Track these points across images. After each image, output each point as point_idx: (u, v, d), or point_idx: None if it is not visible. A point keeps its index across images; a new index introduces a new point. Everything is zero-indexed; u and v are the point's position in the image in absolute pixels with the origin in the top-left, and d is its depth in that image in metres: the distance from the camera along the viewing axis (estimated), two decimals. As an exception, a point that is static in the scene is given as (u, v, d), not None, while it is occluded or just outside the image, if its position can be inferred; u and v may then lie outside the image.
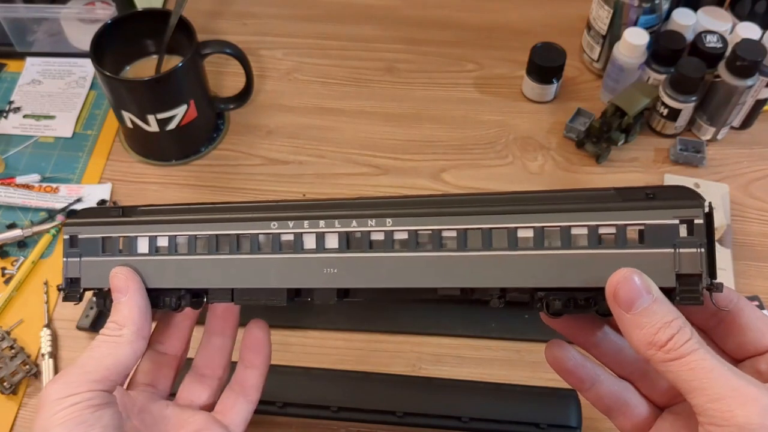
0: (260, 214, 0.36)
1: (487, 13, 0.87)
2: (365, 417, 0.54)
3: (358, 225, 0.34)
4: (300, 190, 0.71)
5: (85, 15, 0.78)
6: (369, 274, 0.34)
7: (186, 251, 0.37)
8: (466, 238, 0.32)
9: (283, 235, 0.35)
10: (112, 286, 0.37)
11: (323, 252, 0.35)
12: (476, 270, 0.32)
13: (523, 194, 0.33)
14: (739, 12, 0.73)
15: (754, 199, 0.70)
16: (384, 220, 0.34)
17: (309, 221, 0.35)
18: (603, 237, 0.31)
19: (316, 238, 0.35)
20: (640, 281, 0.29)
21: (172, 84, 0.67)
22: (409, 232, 0.33)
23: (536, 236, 0.31)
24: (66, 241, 0.39)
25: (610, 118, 0.70)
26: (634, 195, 0.31)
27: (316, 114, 0.77)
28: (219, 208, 0.37)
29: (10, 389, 0.57)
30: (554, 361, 0.37)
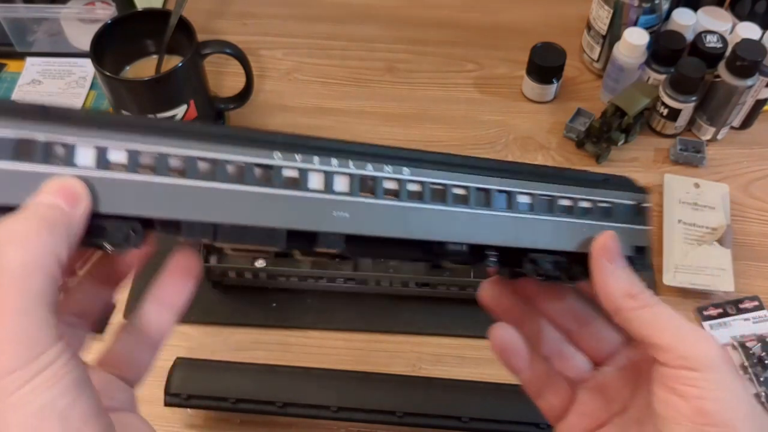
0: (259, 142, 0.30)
1: (487, 13, 0.87)
2: (365, 417, 0.54)
3: (374, 170, 0.31)
4: (300, 190, 0.71)
5: (85, 15, 0.78)
6: (384, 222, 0.31)
7: (157, 171, 0.28)
8: (481, 196, 0.33)
9: (287, 169, 0.29)
10: (51, 189, 0.26)
11: (333, 193, 0.30)
12: (481, 228, 0.33)
13: (529, 166, 0.36)
14: (739, 12, 0.73)
15: (754, 199, 0.70)
16: (400, 168, 0.32)
17: (320, 157, 0.30)
18: (585, 209, 0.35)
19: (326, 177, 0.30)
20: (618, 243, 0.34)
21: (172, 84, 0.67)
22: (425, 184, 0.32)
23: (534, 202, 0.34)
24: None
25: (610, 118, 0.70)
26: (595, 178, 0.37)
27: (316, 114, 0.77)
28: (200, 129, 0.29)
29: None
30: (500, 346, 0.38)
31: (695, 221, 0.67)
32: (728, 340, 0.60)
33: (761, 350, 0.59)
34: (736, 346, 0.59)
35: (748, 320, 0.61)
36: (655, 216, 0.68)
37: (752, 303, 0.62)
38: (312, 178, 0.30)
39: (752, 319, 0.61)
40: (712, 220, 0.67)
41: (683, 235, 0.66)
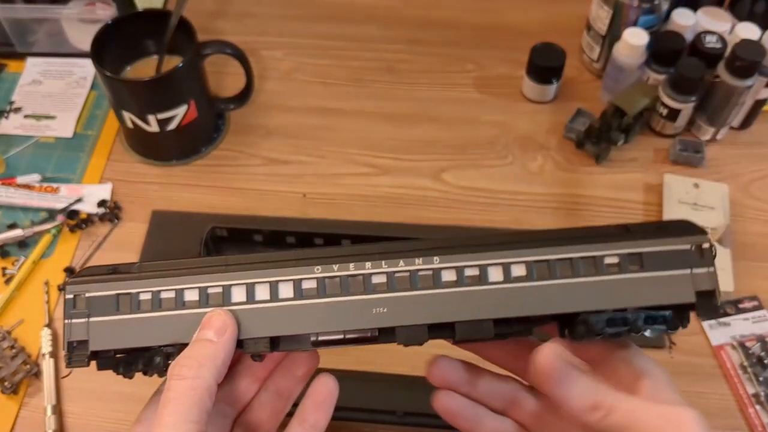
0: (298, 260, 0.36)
1: (487, 13, 0.87)
2: (365, 417, 0.54)
3: (405, 264, 0.35)
4: (300, 190, 0.71)
5: (86, 15, 0.78)
6: (419, 311, 0.35)
7: (241, 300, 0.35)
8: (532, 270, 0.35)
9: (330, 278, 0.35)
10: (205, 323, 0.34)
11: (371, 293, 0.35)
12: (529, 299, 0.35)
13: (556, 232, 0.36)
14: (739, 12, 0.73)
15: (754, 199, 0.70)
16: (431, 258, 0.35)
17: (354, 263, 0.35)
18: (629, 264, 0.35)
19: (364, 279, 0.35)
20: (561, 358, 0.34)
21: (172, 84, 0.67)
22: (457, 269, 0.35)
23: (575, 266, 0.35)
24: (69, 302, 0.36)
25: (609, 119, 0.70)
26: (647, 228, 0.36)
27: (316, 114, 0.77)
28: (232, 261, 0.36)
29: (11, 389, 0.57)
30: (438, 374, 0.41)
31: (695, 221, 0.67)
32: (728, 339, 0.60)
33: (760, 350, 0.59)
34: (736, 346, 0.60)
35: (748, 320, 0.61)
36: (654, 216, 0.68)
37: (752, 303, 0.62)
38: (353, 282, 0.35)
39: (752, 319, 0.61)
40: (711, 220, 0.67)
41: (683, 235, 0.66)
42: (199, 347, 0.33)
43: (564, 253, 0.35)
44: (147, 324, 0.35)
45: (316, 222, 0.68)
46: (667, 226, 0.36)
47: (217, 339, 0.33)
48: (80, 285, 0.36)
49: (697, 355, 0.60)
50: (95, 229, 0.68)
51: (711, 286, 0.35)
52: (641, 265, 0.35)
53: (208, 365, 0.33)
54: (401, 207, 0.70)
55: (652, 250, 0.35)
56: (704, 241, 0.35)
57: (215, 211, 0.69)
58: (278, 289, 0.35)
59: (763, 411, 0.57)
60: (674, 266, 0.35)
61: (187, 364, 0.33)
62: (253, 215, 0.69)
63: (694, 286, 0.35)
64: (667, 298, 0.35)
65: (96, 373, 0.57)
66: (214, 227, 0.64)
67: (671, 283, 0.35)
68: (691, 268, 0.35)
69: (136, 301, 0.35)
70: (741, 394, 0.57)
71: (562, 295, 0.35)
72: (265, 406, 0.39)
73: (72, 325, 0.36)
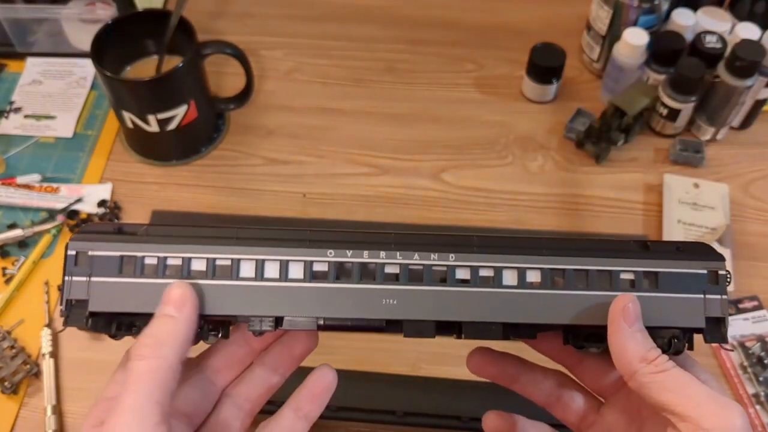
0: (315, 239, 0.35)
1: (487, 13, 0.87)
2: (365, 417, 0.54)
3: (420, 258, 0.34)
4: (300, 190, 0.71)
5: (86, 15, 0.78)
6: (429, 306, 0.34)
7: (249, 275, 0.35)
8: (547, 277, 0.35)
9: (342, 263, 0.35)
10: (164, 298, 0.33)
11: (383, 283, 0.34)
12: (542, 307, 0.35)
13: (574, 241, 0.36)
14: (739, 12, 0.73)
15: (754, 199, 0.70)
16: (447, 255, 0.35)
17: (369, 251, 0.35)
18: (644, 282, 0.35)
19: (377, 267, 0.34)
20: (638, 307, 0.33)
21: (172, 84, 0.67)
22: (471, 268, 0.34)
23: (591, 279, 0.35)
24: (70, 258, 0.35)
25: (609, 119, 0.70)
26: (666, 247, 0.36)
27: (316, 114, 0.77)
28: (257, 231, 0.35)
29: (11, 389, 0.57)
30: (477, 365, 0.41)
31: (695, 221, 0.67)
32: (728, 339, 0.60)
33: (760, 350, 0.59)
34: (736, 346, 0.60)
35: (748, 320, 0.61)
36: (654, 216, 0.68)
37: (752, 303, 0.62)
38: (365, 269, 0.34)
39: (752, 319, 0.61)
40: (711, 220, 0.67)
41: (683, 235, 0.66)
42: (159, 324, 0.32)
43: (580, 264, 0.35)
44: (150, 290, 0.34)
45: (316, 222, 0.68)
46: (686, 247, 0.36)
47: (177, 314, 0.32)
48: (83, 242, 0.35)
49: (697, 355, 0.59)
50: (95, 229, 0.68)
51: (722, 313, 0.35)
52: (656, 284, 0.35)
53: (169, 343, 0.32)
54: (401, 207, 0.70)
55: (668, 270, 0.35)
56: (720, 268, 0.35)
57: (215, 211, 0.69)
58: (288, 269, 0.34)
59: (763, 411, 0.57)
60: (688, 290, 0.35)
61: (147, 343, 0.32)
62: (253, 215, 0.69)
63: (706, 312, 0.35)
64: (677, 320, 0.35)
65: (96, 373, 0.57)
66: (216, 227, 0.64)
67: (683, 305, 0.35)
68: (705, 293, 0.35)
69: (140, 264, 0.34)
70: (741, 394, 0.57)
71: (574, 306, 0.34)
72: (257, 380, 0.38)
73: (72, 283, 0.35)
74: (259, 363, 0.38)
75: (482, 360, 0.40)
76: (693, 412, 0.30)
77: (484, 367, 0.40)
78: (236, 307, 0.34)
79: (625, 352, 0.32)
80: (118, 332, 0.35)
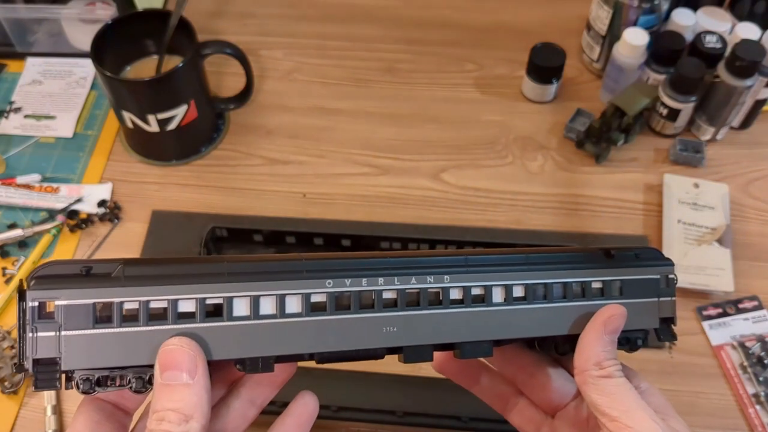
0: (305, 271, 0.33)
1: (487, 13, 0.87)
2: (365, 417, 0.54)
3: (417, 282, 0.34)
4: (300, 190, 0.71)
5: (86, 15, 0.78)
6: (427, 330, 0.34)
7: (243, 314, 0.32)
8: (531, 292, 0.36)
9: (342, 293, 0.33)
10: (167, 362, 0.29)
11: (384, 311, 0.33)
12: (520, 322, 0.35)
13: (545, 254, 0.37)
14: (739, 12, 0.73)
15: (754, 199, 0.70)
16: (442, 276, 0.34)
17: (367, 279, 0.33)
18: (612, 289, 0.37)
19: (375, 295, 0.33)
20: (623, 320, 0.35)
21: (172, 84, 0.67)
22: (464, 289, 0.35)
23: (562, 291, 0.36)
24: (33, 310, 0.29)
25: (609, 119, 0.70)
26: (626, 254, 0.38)
27: (316, 114, 0.77)
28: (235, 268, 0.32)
29: (11, 389, 0.57)
30: (440, 364, 0.42)
31: (695, 221, 0.67)
32: (728, 339, 0.60)
33: (760, 350, 0.59)
34: (736, 346, 0.60)
35: (748, 320, 0.61)
36: (654, 216, 0.68)
37: (752, 303, 0.62)
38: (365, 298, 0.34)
39: (752, 319, 0.61)
40: (711, 220, 0.67)
41: (683, 235, 0.66)
42: (179, 396, 0.29)
43: (558, 278, 0.36)
44: (134, 339, 0.30)
45: (316, 222, 0.68)
46: (642, 254, 0.38)
47: (192, 380, 0.29)
48: (47, 290, 0.29)
49: (697, 355, 0.60)
50: (95, 229, 0.68)
51: (671, 313, 0.38)
52: (621, 291, 0.37)
53: (197, 416, 0.29)
54: (401, 207, 0.70)
55: (630, 278, 0.37)
56: (670, 272, 0.38)
57: (215, 211, 0.69)
58: (285, 304, 0.32)
59: (763, 411, 0.57)
60: (645, 294, 0.37)
61: (172, 419, 0.28)
62: (253, 215, 0.69)
63: (660, 313, 0.38)
64: (635, 322, 0.37)
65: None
66: (214, 227, 0.64)
67: (641, 309, 0.37)
68: (659, 296, 0.38)
69: (119, 311, 0.30)
70: (741, 394, 0.57)
71: (556, 318, 0.36)
72: (234, 412, 0.35)
73: (37, 339, 0.29)
74: (234, 395, 0.36)
75: (445, 357, 0.41)
76: (622, 415, 0.32)
77: (447, 365, 0.41)
78: (230, 350, 0.31)
79: (588, 352, 0.34)
80: (99, 388, 0.30)
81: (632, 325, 0.36)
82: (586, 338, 0.34)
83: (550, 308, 0.36)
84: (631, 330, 0.37)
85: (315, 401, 0.37)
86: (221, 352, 0.31)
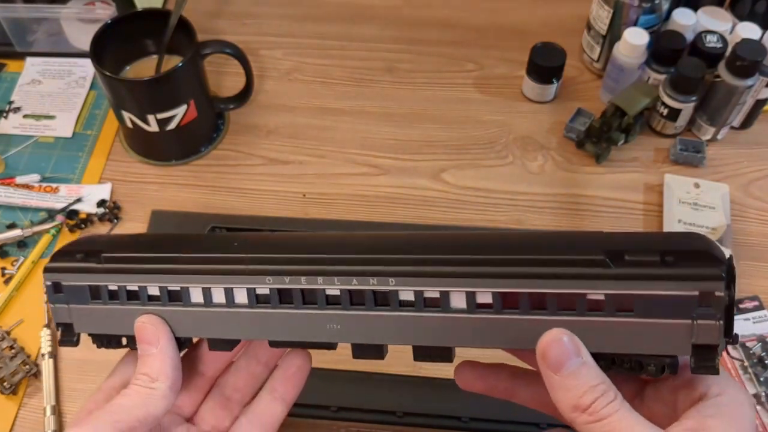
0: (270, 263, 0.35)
1: (487, 13, 0.87)
2: (365, 417, 0.54)
3: (359, 283, 0.33)
4: (300, 190, 0.71)
5: (85, 15, 0.78)
6: (375, 331, 0.33)
7: (198, 301, 0.36)
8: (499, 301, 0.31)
9: (287, 290, 0.34)
10: (139, 336, 0.36)
11: (326, 308, 0.34)
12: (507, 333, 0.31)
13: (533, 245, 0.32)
14: (739, 12, 0.73)
15: (754, 199, 0.70)
16: (387, 279, 0.32)
17: (306, 277, 0.33)
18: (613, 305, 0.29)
19: (317, 293, 0.34)
20: (570, 343, 0.29)
21: (172, 84, 0.67)
22: (415, 293, 0.32)
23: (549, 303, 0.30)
24: (49, 288, 0.38)
25: (610, 118, 0.70)
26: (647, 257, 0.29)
27: (316, 114, 0.77)
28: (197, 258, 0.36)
29: (10, 389, 0.57)
30: (465, 381, 0.39)
31: (695, 221, 0.67)
32: (728, 340, 0.60)
33: (761, 350, 0.59)
34: (736, 346, 0.59)
35: (748, 320, 0.61)
36: (655, 216, 0.68)
37: (752, 303, 0.62)
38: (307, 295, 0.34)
39: (752, 319, 0.61)
40: (712, 220, 0.67)
41: (683, 235, 0.66)
42: (146, 363, 0.36)
43: (537, 287, 0.30)
44: (122, 313, 0.37)
45: (316, 222, 0.68)
46: (675, 255, 0.29)
47: (156, 350, 0.36)
48: (57, 273, 0.38)
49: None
50: (95, 229, 0.68)
51: (715, 340, 0.28)
52: (629, 308, 0.29)
53: (162, 378, 0.35)
54: (401, 207, 0.69)
55: (644, 293, 0.28)
56: (717, 289, 0.28)
57: (215, 211, 0.69)
58: (234, 295, 0.35)
59: (764, 411, 0.56)
60: (671, 314, 0.28)
61: (142, 381, 0.35)
62: (253, 215, 0.68)
63: (693, 339, 0.28)
64: (655, 347, 0.29)
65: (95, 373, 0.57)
66: (213, 227, 0.64)
67: (661, 332, 0.29)
68: (694, 319, 0.28)
69: (106, 292, 0.37)
70: (742, 395, 0.57)
71: (530, 331, 0.30)
72: (241, 371, 0.40)
73: (56, 309, 0.39)
74: (243, 355, 0.41)
75: (471, 374, 0.39)
76: None
77: (474, 382, 0.38)
78: (193, 329, 0.37)
79: (558, 403, 0.29)
80: (110, 346, 0.39)
81: (643, 350, 0.29)
82: (549, 388, 0.30)
83: (524, 321, 0.30)
84: (643, 355, 0.30)
85: (300, 357, 0.39)
86: (185, 331, 0.37)
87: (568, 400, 0.29)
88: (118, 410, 0.34)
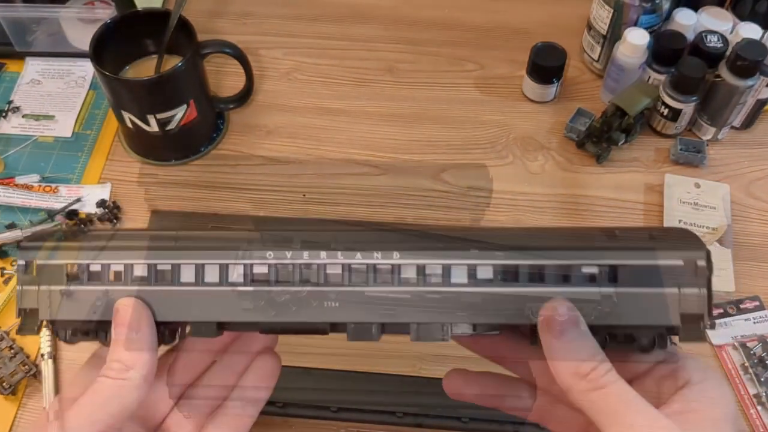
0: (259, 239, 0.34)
1: (487, 13, 0.87)
2: (365, 417, 0.54)
3: (362, 258, 0.32)
4: (300, 190, 0.71)
5: (85, 15, 0.78)
6: (373, 308, 0.33)
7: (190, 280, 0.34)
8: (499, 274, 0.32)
9: (284, 266, 0.33)
10: (118, 319, 0.33)
11: (325, 285, 0.33)
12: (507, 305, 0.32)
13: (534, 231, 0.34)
14: (740, 12, 0.73)
15: (755, 199, 0.69)
16: (390, 253, 0.32)
17: (309, 251, 0.33)
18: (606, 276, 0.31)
19: (318, 269, 0.33)
20: (571, 312, 0.31)
21: (172, 84, 0.67)
22: (418, 267, 0.32)
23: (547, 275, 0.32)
24: (20, 267, 0.35)
25: (610, 118, 0.70)
26: (638, 236, 0.32)
27: (316, 114, 0.77)
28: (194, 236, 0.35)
29: (10, 389, 0.57)
30: (454, 388, 0.39)
31: (696, 221, 0.67)
32: (729, 340, 0.60)
33: (762, 350, 0.59)
34: (737, 346, 0.59)
35: (749, 320, 0.61)
36: (655, 216, 0.68)
37: (753, 303, 0.62)
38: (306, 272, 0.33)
39: (753, 319, 0.61)
40: (712, 220, 0.67)
41: (684, 235, 0.66)
42: (122, 349, 0.33)
43: (535, 259, 0.31)
44: (100, 296, 0.34)
45: (316, 222, 0.68)
46: (661, 234, 0.32)
47: (136, 336, 0.33)
48: (31, 250, 0.35)
49: (698, 355, 0.60)
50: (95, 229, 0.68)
51: (701, 309, 0.31)
52: (617, 279, 0.31)
53: (137, 367, 0.33)
54: (401, 207, 0.69)
55: (633, 263, 0.31)
56: (699, 257, 0.31)
57: (215, 211, 0.69)
58: (228, 273, 0.33)
59: (765, 411, 0.56)
60: (658, 283, 0.31)
61: (116, 369, 0.33)
62: (253, 215, 0.68)
63: (681, 308, 0.31)
64: (643, 318, 0.31)
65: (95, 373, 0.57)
66: (213, 227, 0.64)
67: (651, 302, 0.31)
68: (680, 287, 0.31)
69: (85, 272, 0.34)
70: (742, 395, 0.57)
71: (529, 307, 0.32)
72: (214, 378, 0.39)
73: (23, 292, 0.35)
74: (219, 362, 0.39)
75: (460, 382, 0.39)
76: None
77: (462, 389, 0.39)
78: (178, 313, 0.34)
79: (557, 373, 0.30)
80: (72, 338, 0.35)
81: (635, 320, 0.31)
82: (546, 353, 0.30)
83: (521, 294, 0.31)
84: (635, 326, 0.31)
85: (270, 360, 0.39)
86: (169, 314, 0.34)
87: (569, 367, 0.30)
88: (91, 409, 0.32)
